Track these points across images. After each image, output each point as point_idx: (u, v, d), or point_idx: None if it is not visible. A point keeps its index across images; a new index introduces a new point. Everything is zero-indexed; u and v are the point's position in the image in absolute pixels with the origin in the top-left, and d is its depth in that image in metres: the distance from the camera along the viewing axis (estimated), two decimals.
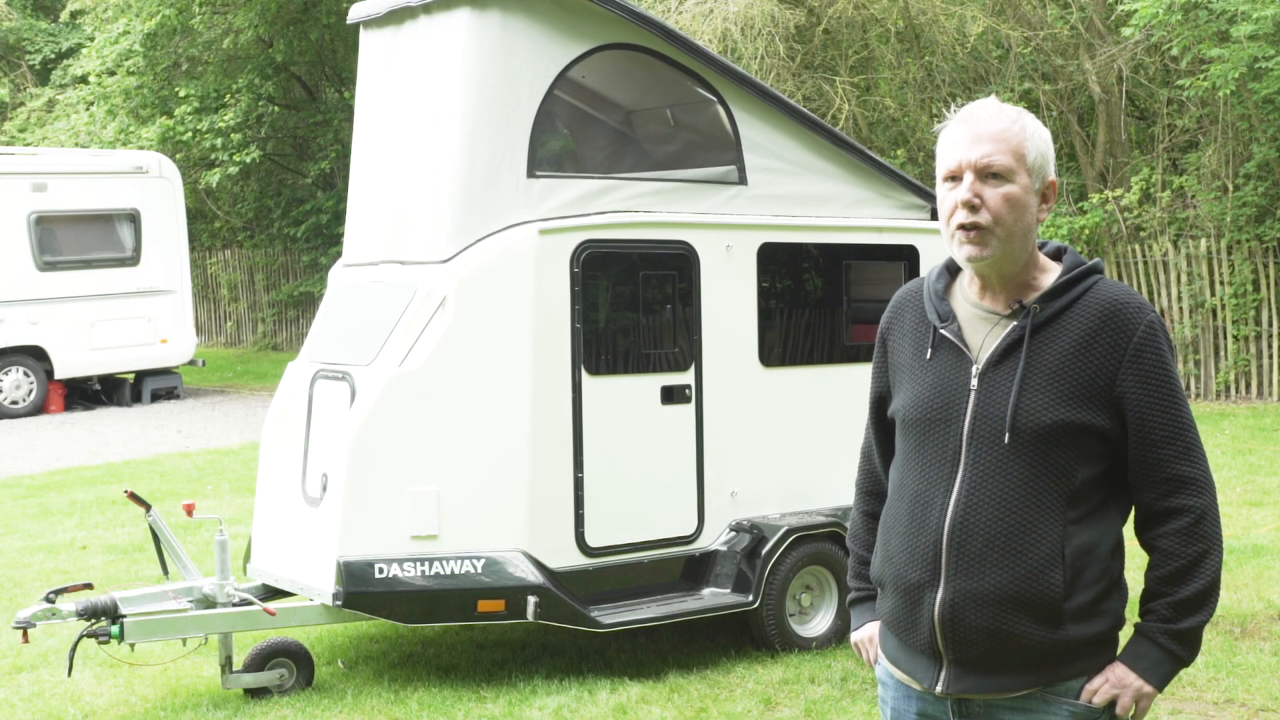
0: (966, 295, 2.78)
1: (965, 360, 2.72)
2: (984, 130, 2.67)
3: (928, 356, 2.77)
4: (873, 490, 3.01)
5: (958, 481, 2.67)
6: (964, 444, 2.67)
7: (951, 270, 2.84)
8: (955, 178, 2.69)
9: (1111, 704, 2.65)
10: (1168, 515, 2.66)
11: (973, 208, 2.65)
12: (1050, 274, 2.73)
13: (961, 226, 2.66)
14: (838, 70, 17.88)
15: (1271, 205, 15.55)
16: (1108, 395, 2.64)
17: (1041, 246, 2.79)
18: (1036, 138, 2.69)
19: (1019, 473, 2.63)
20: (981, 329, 2.73)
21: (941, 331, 2.75)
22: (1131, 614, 2.76)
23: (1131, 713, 2.67)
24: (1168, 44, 15.53)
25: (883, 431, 2.95)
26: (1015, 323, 2.69)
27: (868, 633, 2.98)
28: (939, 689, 2.70)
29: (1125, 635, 2.75)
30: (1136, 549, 2.76)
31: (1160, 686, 2.66)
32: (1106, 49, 17.12)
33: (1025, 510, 2.62)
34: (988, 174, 2.66)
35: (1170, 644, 2.65)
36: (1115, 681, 2.65)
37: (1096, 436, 2.64)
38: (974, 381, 2.69)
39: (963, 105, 2.77)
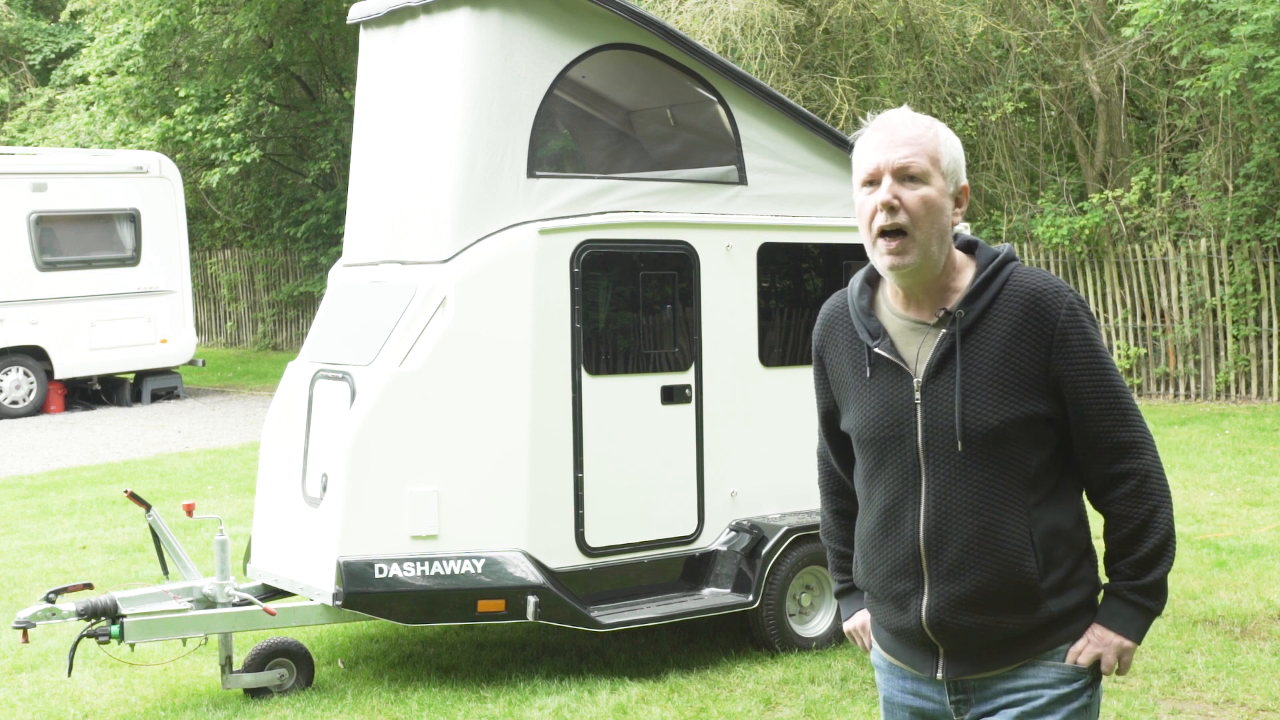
0: (891, 307, 2.87)
1: (905, 375, 2.81)
2: (899, 135, 2.76)
3: (868, 375, 2.86)
4: (837, 490, 3.13)
5: (923, 493, 2.78)
6: (921, 456, 2.78)
7: (871, 282, 2.92)
8: (873, 182, 2.77)
9: (1097, 662, 2.80)
10: (1116, 480, 2.79)
11: (892, 209, 2.73)
12: (966, 272, 2.82)
13: (883, 231, 2.74)
14: (838, 70, 17.88)
15: (1271, 205, 15.55)
16: (1044, 382, 2.74)
17: (953, 239, 2.86)
18: (949, 144, 2.79)
19: (978, 476, 2.74)
20: (914, 340, 2.81)
21: (876, 350, 2.84)
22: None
23: (1116, 669, 2.82)
24: (1168, 44, 15.53)
25: (835, 442, 3.06)
26: (944, 330, 2.78)
27: (859, 620, 3.10)
28: (939, 675, 2.83)
29: None
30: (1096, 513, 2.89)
31: (1138, 639, 2.81)
32: (1106, 49, 17.12)
33: (991, 510, 2.74)
34: (905, 176, 2.74)
35: (1139, 598, 2.79)
36: (1097, 641, 2.79)
37: (1042, 423, 2.75)
38: (917, 395, 2.78)
39: (886, 112, 2.86)
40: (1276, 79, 14.20)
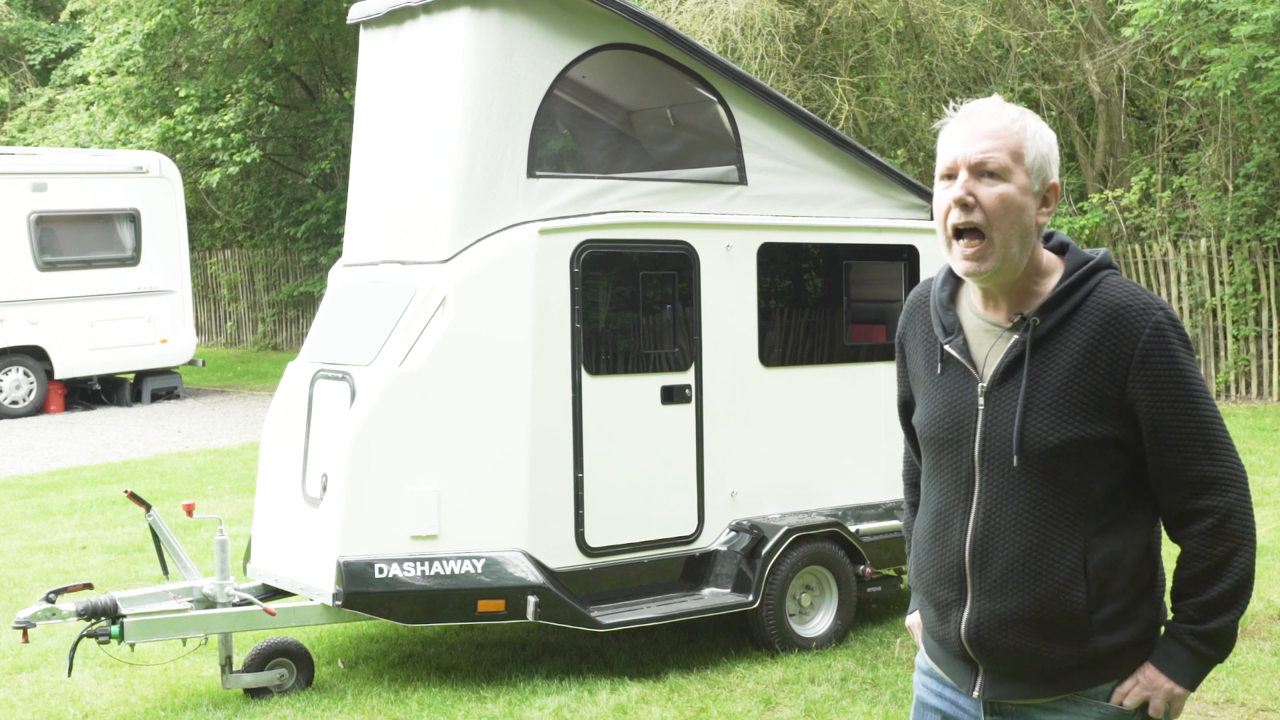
0: (972, 304, 2.73)
1: (971, 378, 2.68)
2: (982, 128, 2.60)
3: (938, 372, 2.74)
4: (915, 482, 2.99)
5: (974, 503, 2.65)
6: (976, 465, 2.65)
7: (957, 275, 2.78)
8: (951, 175, 2.62)
9: (1144, 705, 2.64)
10: (1193, 516, 2.61)
11: (966, 206, 2.58)
12: (1053, 277, 2.65)
13: (958, 231, 2.60)
14: (838, 70, 17.88)
15: (1271, 205, 15.55)
16: (1118, 405, 2.57)
17: (1047, 239, 2.72)
18: (1037, 138, 2.62)
19: (1032, 494, 2.59)
20: (986, 342, 2.68)
21: (946, 348, 2.71)
22: None
23: (1164, 713, 2.65)
24: (1168, 44, 15.53)
25: (912, 433, 2.95)
26: (1016, 336, 2.63)
27: (917, 618, 2.96)
28: (976, 694, 2.71)
29: None
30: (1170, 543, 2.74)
31: (1192, 687, 2.63)
32: (1106, 49, 17.12)
33: (1042, 532, 2.59)
34: (983, 172, 2.59)
35: (1198, 644, 2.62)
36: (1146, 683, 2.63)
37: (1112, 447, 2.58)
38: (981, 401, 2.65)
39: (964, 103, 2.71)
40: (1276, 79, 14.20)
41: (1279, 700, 5.87)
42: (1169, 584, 2.71)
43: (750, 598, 6.56)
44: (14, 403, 17.11)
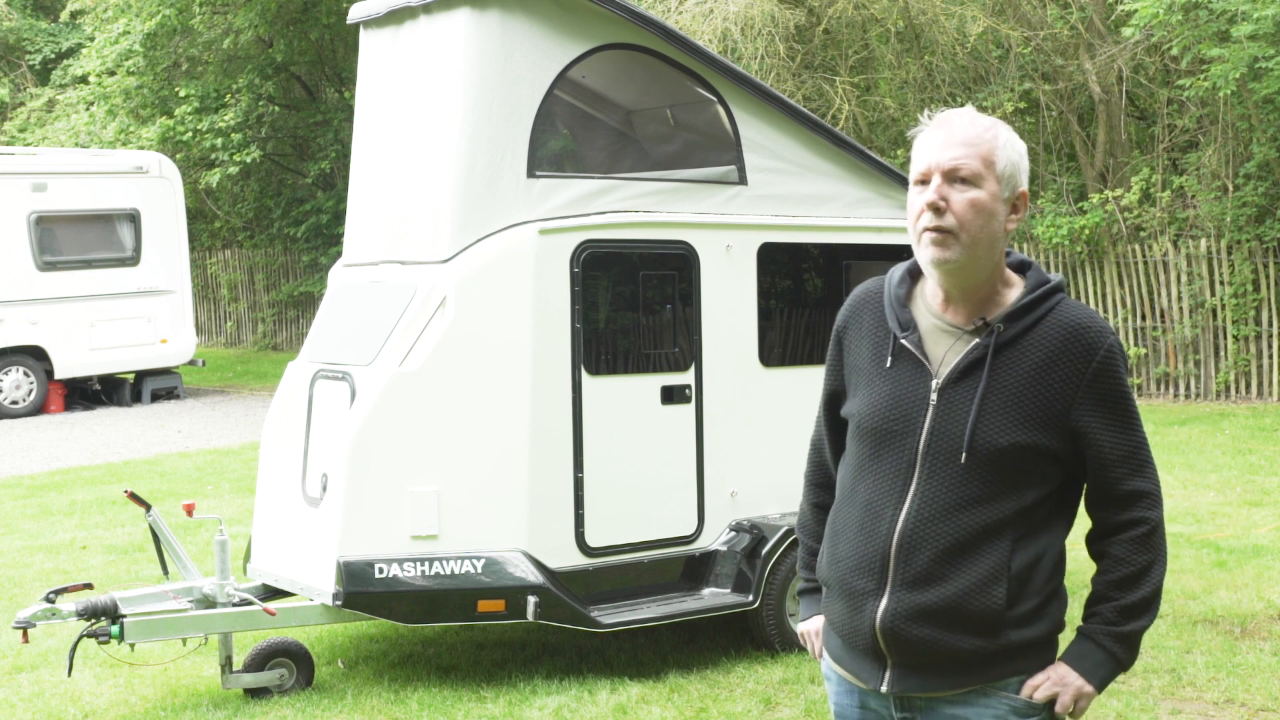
0: (929, 305, 2.80)
1: (925, 373, 2.73)
2: (955, 135, 2.70)
3: (887, 365, 2.79)
4: (822, 483, 3.06)
5: (910, 494, 2.70)
6: (919, 457, 2.71)
7: (914, 275, 2.86)
8: (924, 181, 2.71)
9: (1051, 702, 2.71)
10: (1124, 526, 2.74)
11: (938, 210, 2.67)
12: (1014, 289, 2.75)
13: (927, 229, 2.69)
14: (838, 70, 17.89)
15: (1271, 205, 15.55)
16: (1064, 420, 2.68)
17: (1006, 256, 2.80)
18: (1009, 147, 2.71)
19: (972, 491, 2.67)
20: (943, 342, 2.75)
21: (902, 341, 2.77)
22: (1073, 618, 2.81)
23: (1070, 711, 2.72)
24: (1168, 44, 15.53)
25: (834, 428, 2.99)
26: (978, 340, 2.71)
27: (814, 625, 3.02)
28: (884, 688, 2.74)
29: (1065, 640, 2.79)
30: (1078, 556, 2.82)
31: (1100, 687, 2.72)
32: (1106, 49, 17.12)
33: (975, 528, 2.66)
34: (955, 178, 2.68)
35: (1113, 646, 2.71)
36: (1056, 679, 2.70)
37: (1050, 459, 2.69)
38: (933, 396, 2.71)
39: (948, 108, 2.80)
40: (1276, 79, 14.20)
41: (1279, 700, 5.87)
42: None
43: (750, 598, 6.56)
44: (14, 403, 17.11)
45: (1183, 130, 17.23)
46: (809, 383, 7.08)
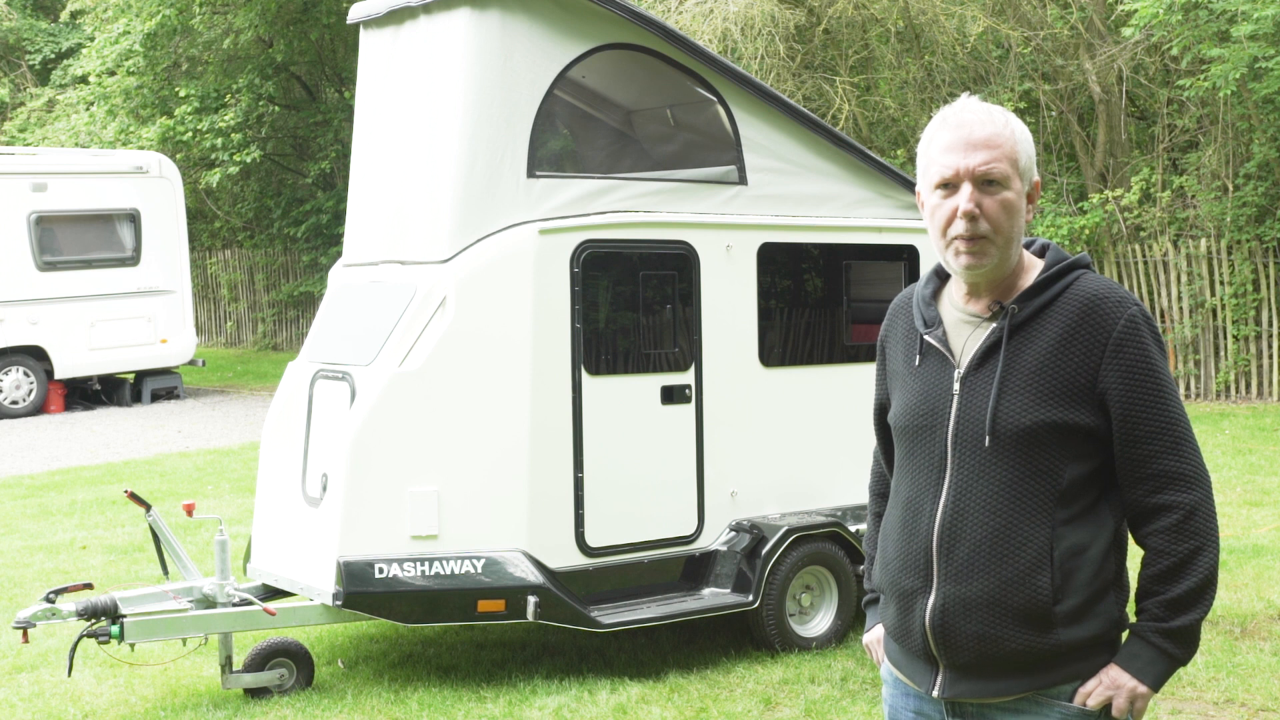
0: (954, 300, 2.78)
1: (949, 365, 2.72)
2: (977, 136, 2.64)
3: (916, 364, 2.78)
4: (883, 492, 3.02)
5: (944, 487, 2.67)
6: (949, 449, 2.68)
7: (941, 275, 2.85)
8: (949, 185, 2.66)
9: (1107, 707, 2.63)
10: (1156, 512, 2.63)
11: (973, 218, 2.63)
12: (1033, 273, 2.72)
13: (960, 237, 2.65)
14: (838, 70, 17.88)
15: (1271, 205, 15.55)
16: (1090, 392, 2.61)
17: (1028, 245, 2.78)
18: (1025, 141, 2.68)
19: (1002, 475, 2.62)
20: (964, 332, 2.73)
21: (926, 338, 2.76)
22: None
23: (1127, 714, 2.64)
24: (1168, 44, 15.53)
25: (886, 437, 2.97)
26: (994, 324, 2.69)
27: (875, 635, 2.99)
28: (935, 693, 2.71)
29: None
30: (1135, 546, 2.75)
31: (1156, 686, 2.63)
32: (1106, 49, 17.12)
33: (1010, 514, 2.61)
34: (986, 181, 2.63)
35: (1163, 643, 2.61)
36: (1109, 683, 2.62)
37: (1081, 434, 2.62)
38: (956, 386, 2.69)
39: (956, 105, 2.73)
40: (1276, 79, 14.20)
41: (1279, 700, 5.87)
42: (1134, 588, 2.71)
43: (750, 598, 6.56)
44: (14, 403, 17.11)
45: (1183, 130, 17.23)
46: (809, 383, 7.10)
